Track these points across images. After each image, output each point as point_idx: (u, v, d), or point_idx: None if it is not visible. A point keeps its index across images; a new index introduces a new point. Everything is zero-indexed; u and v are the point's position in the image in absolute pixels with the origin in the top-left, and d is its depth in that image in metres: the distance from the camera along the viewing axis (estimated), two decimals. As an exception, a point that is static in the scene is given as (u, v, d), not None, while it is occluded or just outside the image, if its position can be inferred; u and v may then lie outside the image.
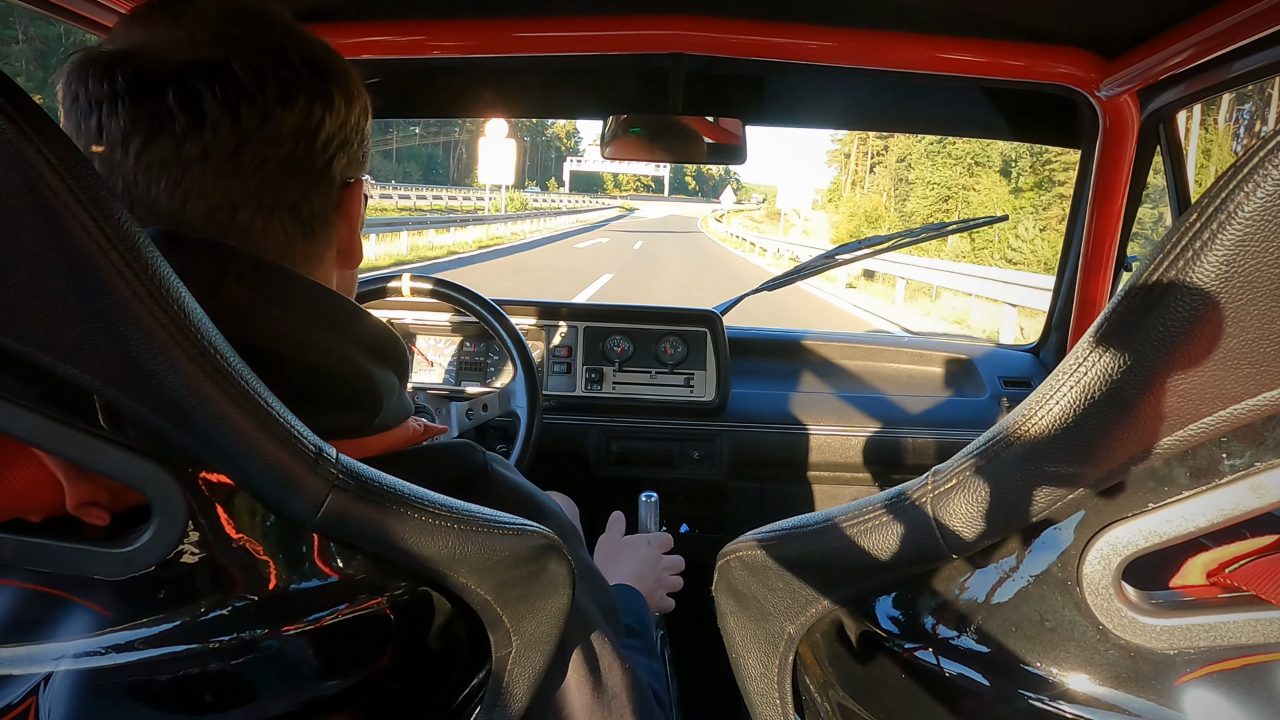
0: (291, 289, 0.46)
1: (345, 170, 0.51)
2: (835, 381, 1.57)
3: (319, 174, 0.49)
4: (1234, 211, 0.24)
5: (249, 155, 0.45)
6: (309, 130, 0.47)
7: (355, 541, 0.37)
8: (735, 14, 1.12)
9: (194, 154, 0.44)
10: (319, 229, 0.50)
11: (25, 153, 0.26)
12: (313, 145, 0.47)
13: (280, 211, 0.47)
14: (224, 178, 0.45)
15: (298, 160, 0.47)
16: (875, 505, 0.38)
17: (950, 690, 0.37)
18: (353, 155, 0.51)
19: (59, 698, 0.33)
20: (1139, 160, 1.25)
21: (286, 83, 0.45)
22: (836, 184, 62.55)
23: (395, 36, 1.14)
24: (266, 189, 0.46)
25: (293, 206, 0.48)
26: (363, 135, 0.52)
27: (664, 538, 1.00)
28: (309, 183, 0.48)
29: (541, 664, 0.46)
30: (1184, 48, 0.95)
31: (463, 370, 1.48)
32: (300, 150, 0.47)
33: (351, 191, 0.52)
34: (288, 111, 0.45)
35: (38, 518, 0.35)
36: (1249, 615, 0.31)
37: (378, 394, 0.48)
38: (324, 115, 0.47)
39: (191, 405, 0.31)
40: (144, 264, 0.29)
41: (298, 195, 0.48)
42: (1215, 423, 0.27)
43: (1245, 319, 0.25)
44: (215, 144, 0.44)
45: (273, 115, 0.45)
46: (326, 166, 0.49)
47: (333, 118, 0.48)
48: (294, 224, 0.48)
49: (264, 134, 0.45)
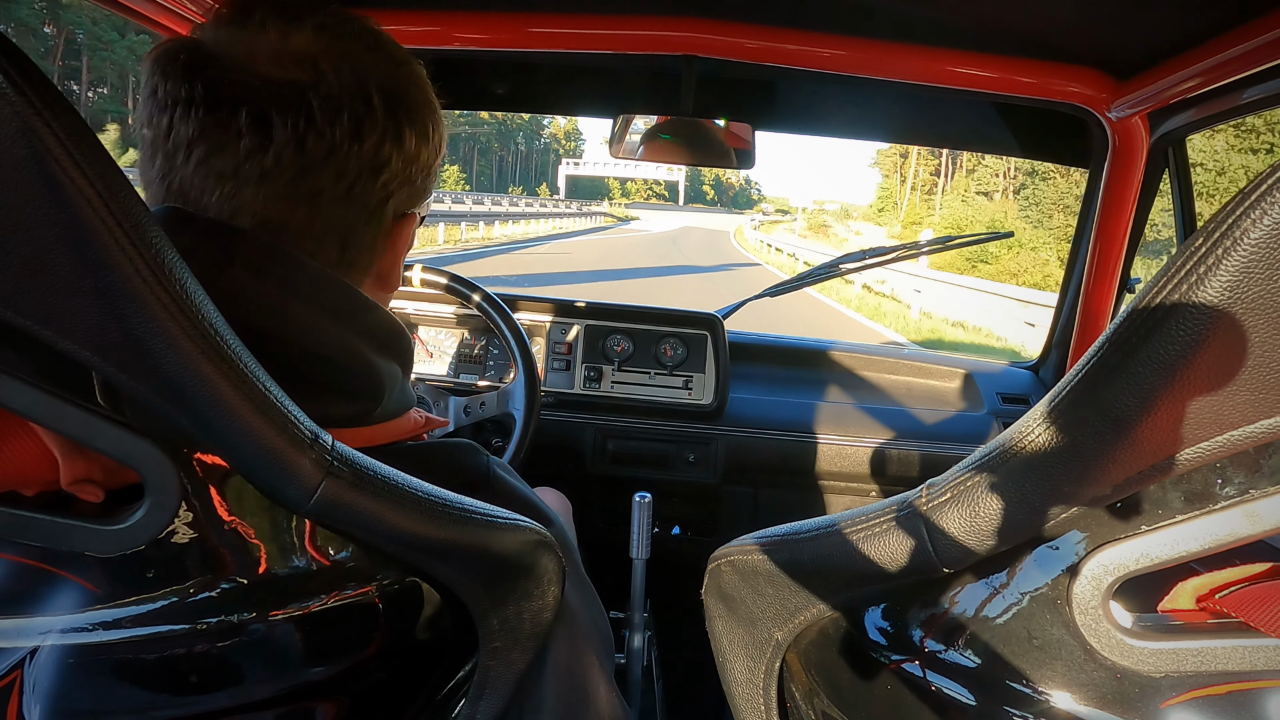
0: (299, 275, 0.46)
1: (402, 204, 0.51)
2: (834, 390, 1.57)
3: (373, 209, 0.48)
4: (1240, 238, 0.24)
5: (306, 185, 0.45)
6: (374, 168, 0.46)
7: (347, 529, 0.37)
8: (749, 19, 1.12)
9: (253, 174, 0.44)
10: (359, 257, 0.50)
11: (33, 126, 0.26)
12: (373, 183, 0.47)
13: (327, 239, 0.47)
14: (278, 201, 0.45)
15: (354, 195, 0.47)
16: (869, 515, 0.38)
17: (935, 704, 0.37)
18: (414, 190, 0.51)
19: (44, 672, 0.33)
20: (1147, 182, 1.25)
21: (360, 120, 0.45)
22: (887, 190, 53.00)
23: (410, 26, 1.14)
24: (317, 217, 0.46)
25: (340, 236, 0.48)
26: (428, 172, 0.52)
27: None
28: (360, 216, 0.48)
29: (528, 660, 0.46)
30: (1196, 72, 0.95)
31: (463, 363, 1.48)
32: (359, 186, 0.46)
33: (403, 224, 0.52)
34: (355, 148, 0.45)
35: (31, 492, 0.35)
36: (1237, 642, 0.31)
37: (380, 384, 0.48)
38: (392, 154, 0.47)
39: (189, 385, 0.31)
40: (147, 242, 0.29)
41: (347, 227, 0.48)
42: (1212, 448, 0.27)
43: (1246, 346, 0.25)
44: (276, 169, 0.44)
45: (339, 150, 0.45)
46: (383, 203, 0.49)
47: (400, 157, 0.48)
48: (336, 250, 0.48)
49: (327, 167, 0.45)
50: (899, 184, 36.42)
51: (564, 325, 1.46)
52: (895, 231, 36.98)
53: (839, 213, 51.59)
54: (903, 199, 42.58)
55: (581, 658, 0.54)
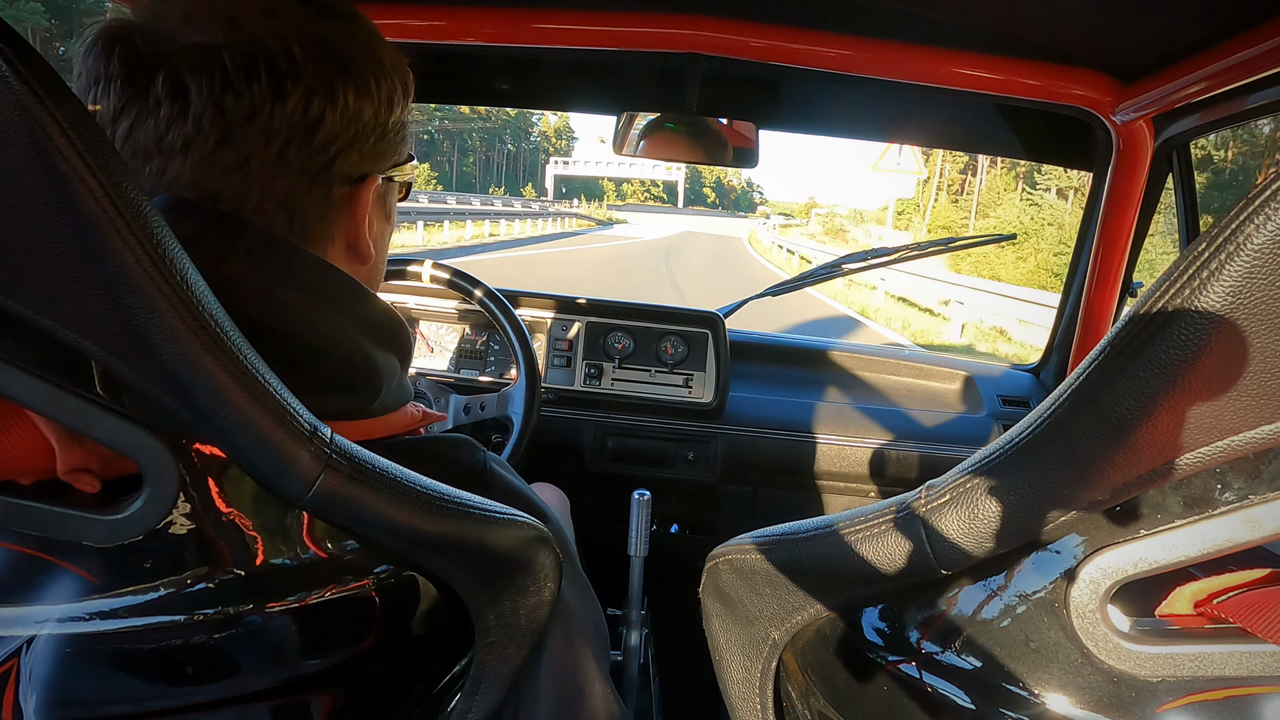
0: (299, 266, 0.45)
1: (355, 167, 0.48)
2: (834, 390, 1.57)
3: (316, 173, 0.45)
4: (1243, 243, 0.24)
5: (232, 151, 0.42)
6: (305, 127, 0.44)
7: (345, 522, 0.37)
8: (754, 18, 1.12)
9: (175, 144, 0.42)
10: (311, 226, 0.47)
11: (35, 114, 0.26)
12: (309, 143, 0.44)
13: (267, 207, 0.45)
14: (207, 170, 0.43)
15: (289, 158, 0.44)
16: (867, 516, 0.38)
17: (931, 705, 0.37)
18: (369, 151, 0.48)
19: (41, 661, 0.33)
20: (1150, 186, 1.25)
21: (281, 75, 0.42)
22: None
23: (415, 21, 1.14)
24: (252, 185, 0.44)
25: (282, 204, 0.45)
26: (384, 129, 0.48)
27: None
28: (301, 181, 0.45)
29: (524, 655, 0.46)
30: (1202, 77, 0.95)
31: (463, 358, 1.48)
32: (293, 148, 0.44)
33: (361, 188, 0.49)
34: (278, 106, 0.42)
35: (28, 481, 0.35)
36: (1234, 648, 0.31)
37: (378, 378, 0.47)
38: (323, 111, 0.44)
39: (188, 377, 0.31)
40: (148, 232, 0.29)
41: (286, 193, 0.45)
42: (1212, 453, 0.27)
43: (1248, 351, 0.25)
44: (198, 137, 0.42)
45: (261, 110, 0.42)
46: (327, 165, 0.46)
47: (336, 115, 0.45)
48: (284, 220, 0.46)
49: (251, 129, 0.42)
50: (921, 184, 32.87)
51: (565, 322, 1.46)
52: (921, 236, 32.62)
53: (851, 216, 50.41)
54: (927, 201, 39.96)
55: (577, 653, 0.54)
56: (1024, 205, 26.83)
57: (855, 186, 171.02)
